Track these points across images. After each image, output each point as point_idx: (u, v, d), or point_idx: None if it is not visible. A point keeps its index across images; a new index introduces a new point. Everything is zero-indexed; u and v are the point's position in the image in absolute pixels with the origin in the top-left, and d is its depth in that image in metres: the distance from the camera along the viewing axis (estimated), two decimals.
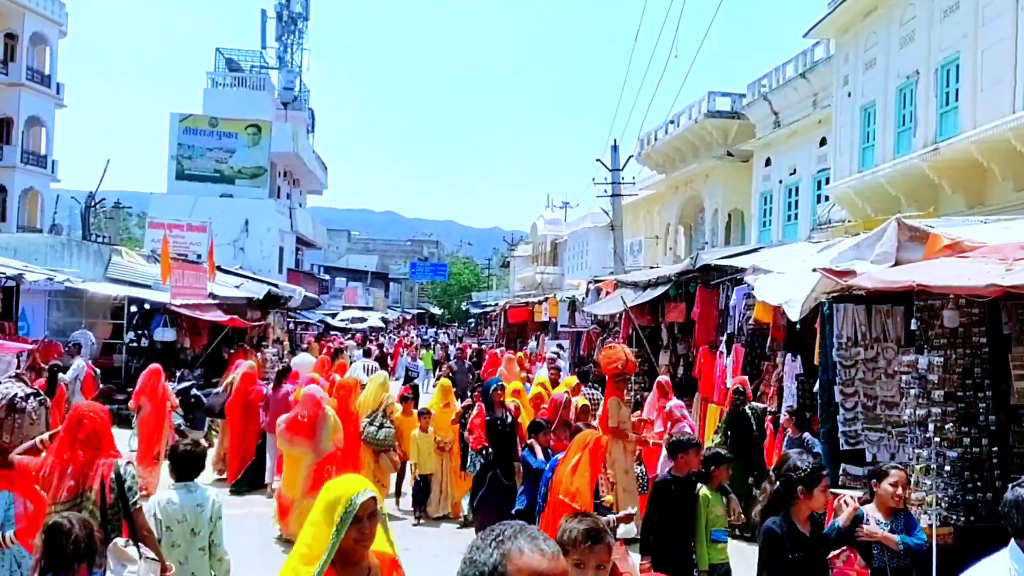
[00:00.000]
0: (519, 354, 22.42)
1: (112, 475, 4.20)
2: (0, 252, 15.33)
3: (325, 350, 21.75)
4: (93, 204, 30.20)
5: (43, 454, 4.36)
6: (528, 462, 7.59)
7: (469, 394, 10.54)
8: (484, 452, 8.61)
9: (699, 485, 6.13)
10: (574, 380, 9.67)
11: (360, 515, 3.08)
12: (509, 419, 8.96)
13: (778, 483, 4.65)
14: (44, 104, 41.24)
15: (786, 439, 8.58)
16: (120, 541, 4.12)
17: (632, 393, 12.02)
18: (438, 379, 13.90)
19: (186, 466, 4.75)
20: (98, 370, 13.86)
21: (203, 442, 5.69)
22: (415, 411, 10.88)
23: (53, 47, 41.75)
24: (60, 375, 11.45)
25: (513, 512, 7.39)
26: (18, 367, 12.19)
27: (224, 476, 11.55)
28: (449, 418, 10.57)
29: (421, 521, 10.17)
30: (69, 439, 4.25)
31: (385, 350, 28.86)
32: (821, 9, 19.36)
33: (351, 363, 16.56)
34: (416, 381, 13.72)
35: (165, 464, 5.51)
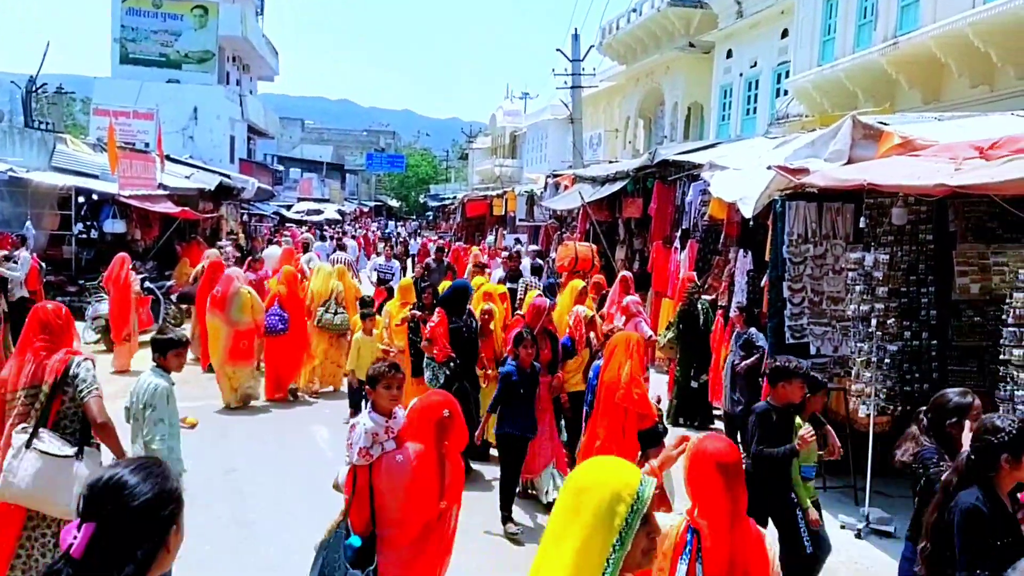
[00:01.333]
0: (475, 248, 22.41)
1: (63, 370, 4.41)
2: None
3: (296, 245, 21.55)
4: (34, 89, 28.92)
5: None
6: (509, 374, 6.71)
7: (418, 296, 9.28)
8: (451, 363, 7.75)
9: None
10: (580, 284, 8.73)
11: (649, 514, 2.11)
12: (474, 326, 8.22)
13: (971, 450, 3.56)
14: None
15: (734, 333, 8.79)
16: (19, 429, 4.38)
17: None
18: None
19: (158, 349, 5.08)
20: (43, 263, 13.61)
21: (181, 331, 5.98)
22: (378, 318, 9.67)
23: None
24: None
25: (497, 432, 6.84)
26: None
27: (199, 359, 11.98)
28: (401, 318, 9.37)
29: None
30: (29, 335, 4.54)
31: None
32: None
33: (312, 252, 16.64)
34: (393, 284, 12.51)
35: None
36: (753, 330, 8.40)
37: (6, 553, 4.28)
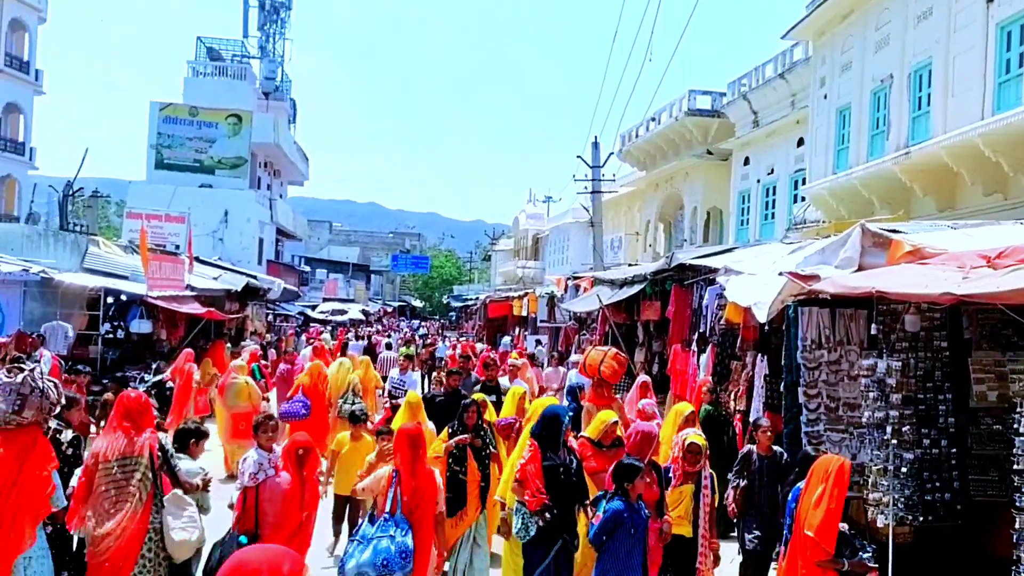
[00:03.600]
0: (513, 355, 22.31)
1: (156, 446, 5.59)
2: None
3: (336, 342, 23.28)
4: (71, 193, 29.91)
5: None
6: (619, 512, 5.64)
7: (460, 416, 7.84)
8: (546, 512, 6.13)
9: None
10: (688, 408, 7.67)
11: None
12: (574, 464, 6.55)
13: None
14: (22, 91, 40.84)
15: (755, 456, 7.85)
16: (178, 491, 5.58)
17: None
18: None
19: (179, 440, 6.22)
20: (64, 362, 13.84)
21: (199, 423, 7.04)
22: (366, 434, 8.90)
23: (32, 33, 41.32)
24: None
25: None
26: None
27: None
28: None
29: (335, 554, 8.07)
30: (116, 417, 5.61)
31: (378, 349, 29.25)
32: (800, 11, 19.55)
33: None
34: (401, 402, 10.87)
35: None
36: (777, 449, 7.68)
37: None
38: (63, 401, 5.59)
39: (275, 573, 2.34)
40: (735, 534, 7.73)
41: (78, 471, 5.59)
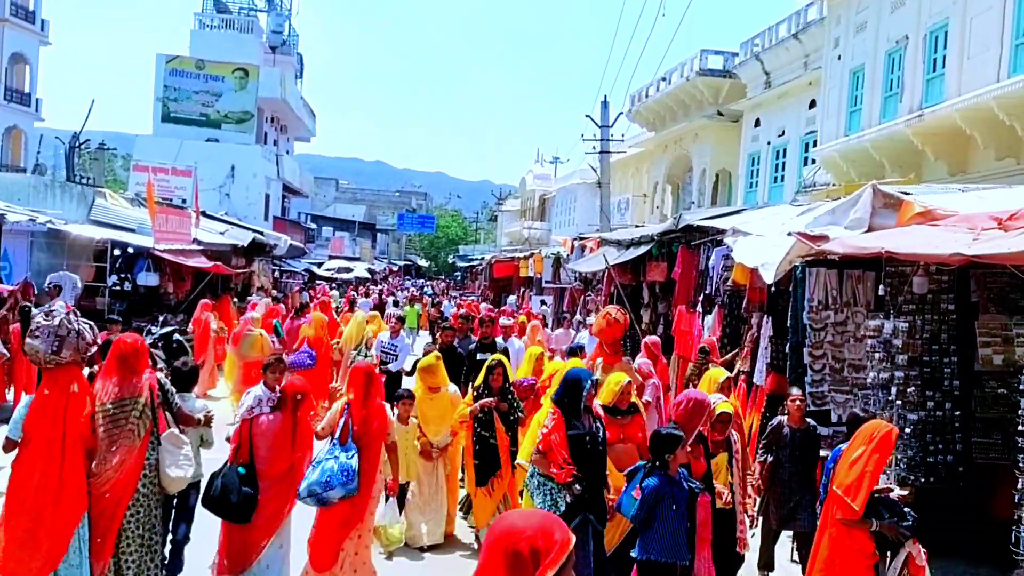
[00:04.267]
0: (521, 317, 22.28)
1: (156, 384, 5.72)
2: None
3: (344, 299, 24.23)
4: (77, 145, 29.84)
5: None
6: (656, 487, 5.20)
7: (477, 380, 7.50)
8: (576, 485, 5.69)
9: None
10: (722, 374, 6.92)
11: None
12: (600, 432, 5.99)
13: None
14: (28, 40, 40.51)
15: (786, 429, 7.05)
16: (174, 430, 5.66)
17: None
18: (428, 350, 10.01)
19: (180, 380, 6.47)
20: (78, 312, 13.88)
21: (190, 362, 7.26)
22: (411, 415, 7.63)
23: None
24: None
25: (640, 558, 5.31)
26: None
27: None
28: (440, 408, 7.69)
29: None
30: (111, 360, 5.65)
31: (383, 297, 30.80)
32: None
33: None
34: (391, 367, 10.73)
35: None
36: (811, 422, 7.16)
37: (114, 528, 5.41)
38: (99, 341, 5.87)
39: (547, 539, 2.20)
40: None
41: None
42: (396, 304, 21.89)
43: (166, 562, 5.87)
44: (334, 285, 36.83)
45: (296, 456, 5.96)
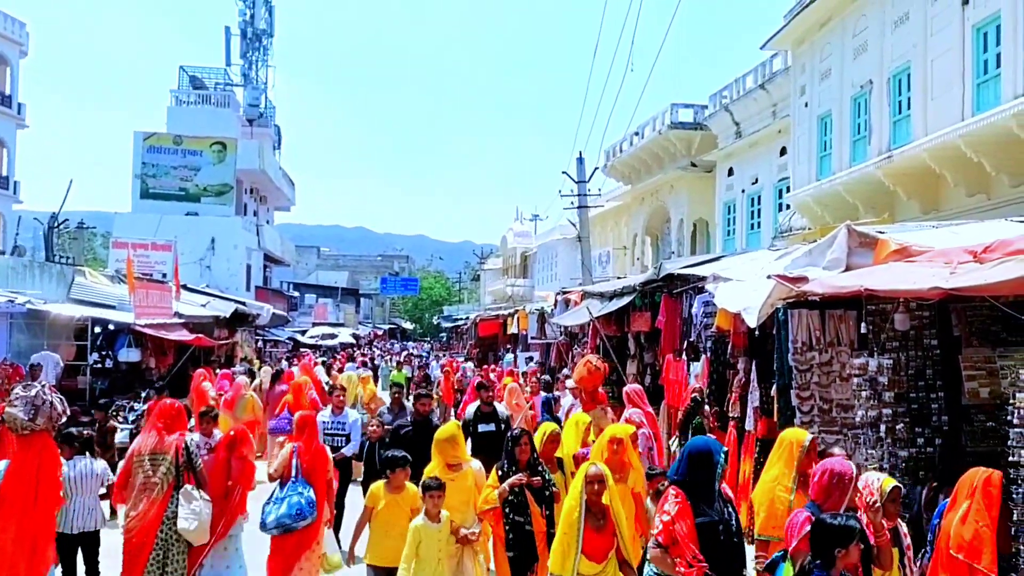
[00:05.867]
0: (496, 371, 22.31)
1: (183, 446, 6.75)
2: None
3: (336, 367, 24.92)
4: (56, 225, 29.87)
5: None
6: None
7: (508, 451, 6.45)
8: None
9: None
10: (804, 436, 6.04)
11: None
12: (734, 518, 5.02)
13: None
14: (6, 125, 40.76)
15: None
16: (188, 487, 6.62)
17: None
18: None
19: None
20: (56, 389, 13.73)
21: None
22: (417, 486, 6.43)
23: (14, 67, 41.30)
24: None
25: None
26: None
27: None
28: (463, 490, 6.41)
29: None
30: (153, 419, 6.93)
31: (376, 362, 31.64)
32: (778, 21, 19.73)
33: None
34: (346, 451, 9.46)
35: None
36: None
37: (139, 570, 6.43)
38: (68, 412, 6.57)
39: None
40: None
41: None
42: (367, 365, 21.91)
43: None
44: (319, 352, 36.56)
45: (228, 484, 7.04)
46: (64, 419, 6.43)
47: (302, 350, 38.81)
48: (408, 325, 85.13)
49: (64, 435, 7.16)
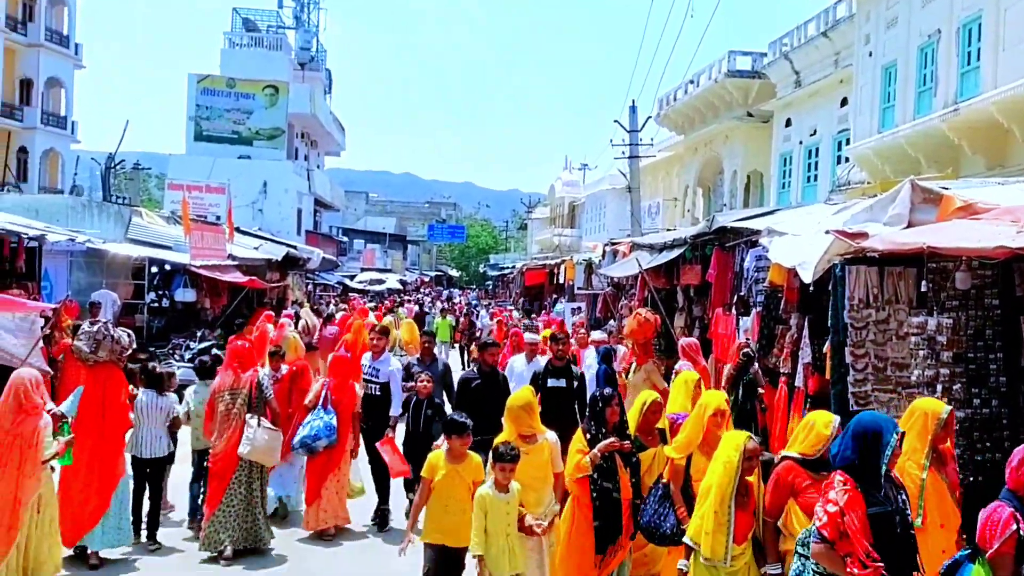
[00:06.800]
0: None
1: (255, 382, 7.75)
2: (22, 213, 15.49)
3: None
4: (113, 165, 30.37)
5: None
6: None
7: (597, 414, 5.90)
8: None
9: None
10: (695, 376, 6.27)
11: None
12: (907, 507, 4.37)
13: None
14: (63, 65, 41.35)
15: None
16: (248, 417, 7.52)
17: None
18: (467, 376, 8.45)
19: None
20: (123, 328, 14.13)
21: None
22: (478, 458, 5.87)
23: (71, 7, 41.77)
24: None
25: None
26: (44, 327, 12.44)
27: None
28: (538, 464, 5.91)
29: None
30: (230, 358, 7.95)
31: (425, 307, 31.17)
32: None
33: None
34: (393, 411, 8.63)
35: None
36: None
37: (223, 487, 7.48)
38: (134, 346, 7.50)
39: None
40: None
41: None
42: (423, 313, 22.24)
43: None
44: (368, 296, 37.01)
45: (289, 411, 8.45)
46: (129, 351, 7.35)
47: (350, 295, 39.33)
48: (454, 272, 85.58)
49: (130, 370, 8.07)
